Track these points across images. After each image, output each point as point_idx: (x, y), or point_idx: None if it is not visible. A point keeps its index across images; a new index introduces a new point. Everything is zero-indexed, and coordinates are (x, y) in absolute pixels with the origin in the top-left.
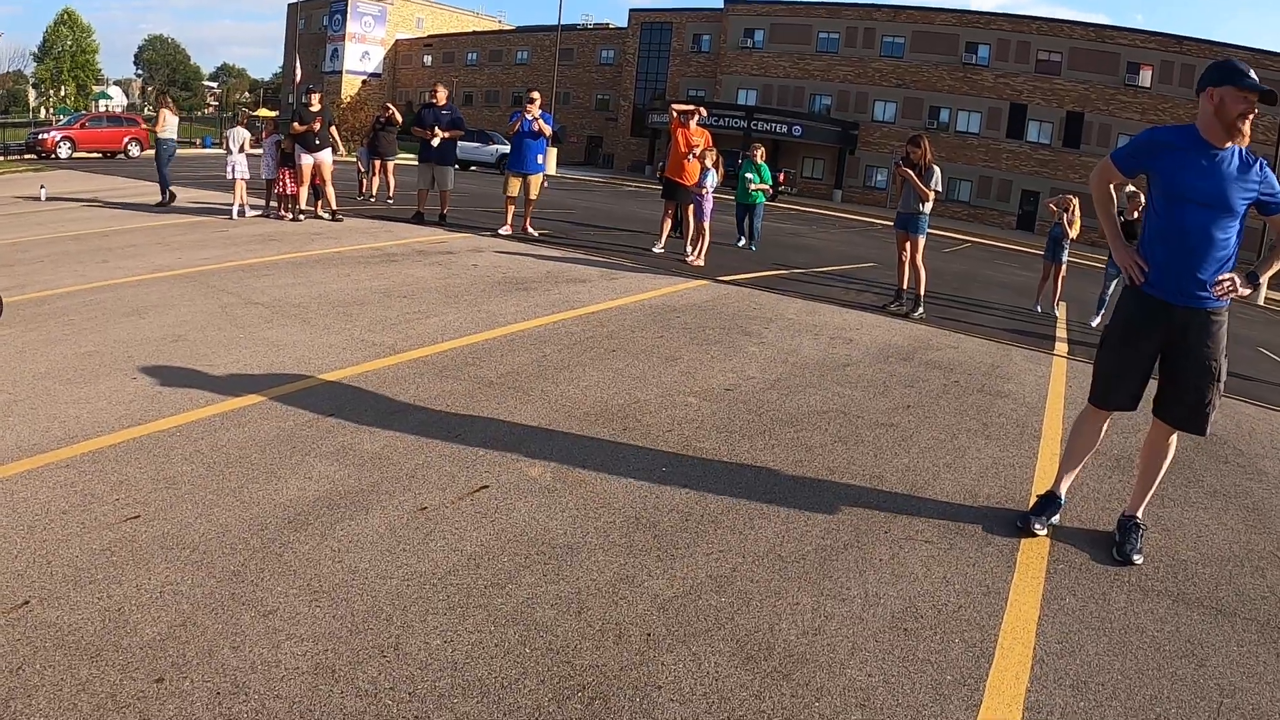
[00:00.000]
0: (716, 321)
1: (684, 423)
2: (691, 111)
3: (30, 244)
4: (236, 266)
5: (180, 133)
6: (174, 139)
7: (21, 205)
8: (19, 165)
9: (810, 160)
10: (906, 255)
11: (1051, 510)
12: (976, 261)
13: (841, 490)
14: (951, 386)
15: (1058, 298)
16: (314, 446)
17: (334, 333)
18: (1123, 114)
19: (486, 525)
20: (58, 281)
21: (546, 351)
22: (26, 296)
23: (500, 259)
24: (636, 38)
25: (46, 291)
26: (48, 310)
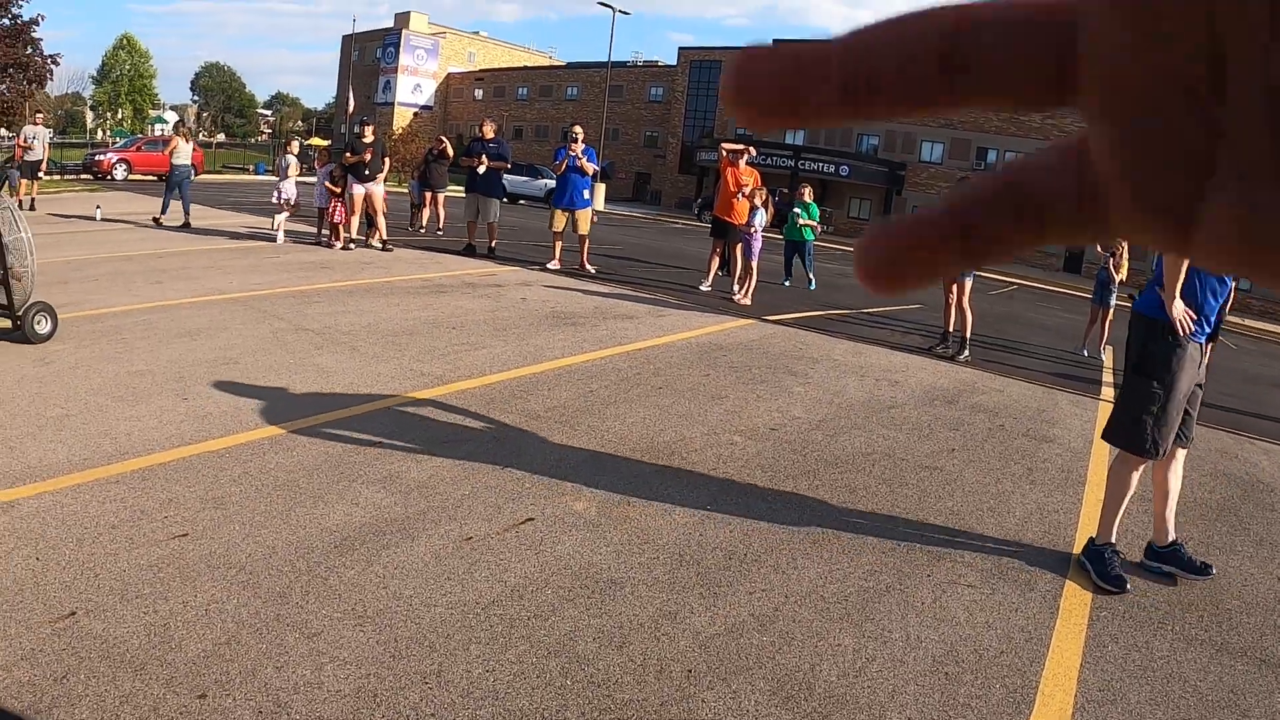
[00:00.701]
0: (763, 361)
1: (729, 461)
2: (741, 150)
3: (85, 263)
4: (288, 293)
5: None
6: (187, 164)
7: (78, 224)
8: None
9: (857, 200)
10: (953, 298)
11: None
12: (1022, 304)
13: (885, 532)
14: (997, 430)
15: (1104, 341)
16: (361, 473)
17: (383, 361)
18: None
19: (531, 557)
20: (112, 300)
21: (593, 387)
22: (81, 314)
23: (548, 293)
24: (685, 75)
25: (101, 310)
26: (101, 328)
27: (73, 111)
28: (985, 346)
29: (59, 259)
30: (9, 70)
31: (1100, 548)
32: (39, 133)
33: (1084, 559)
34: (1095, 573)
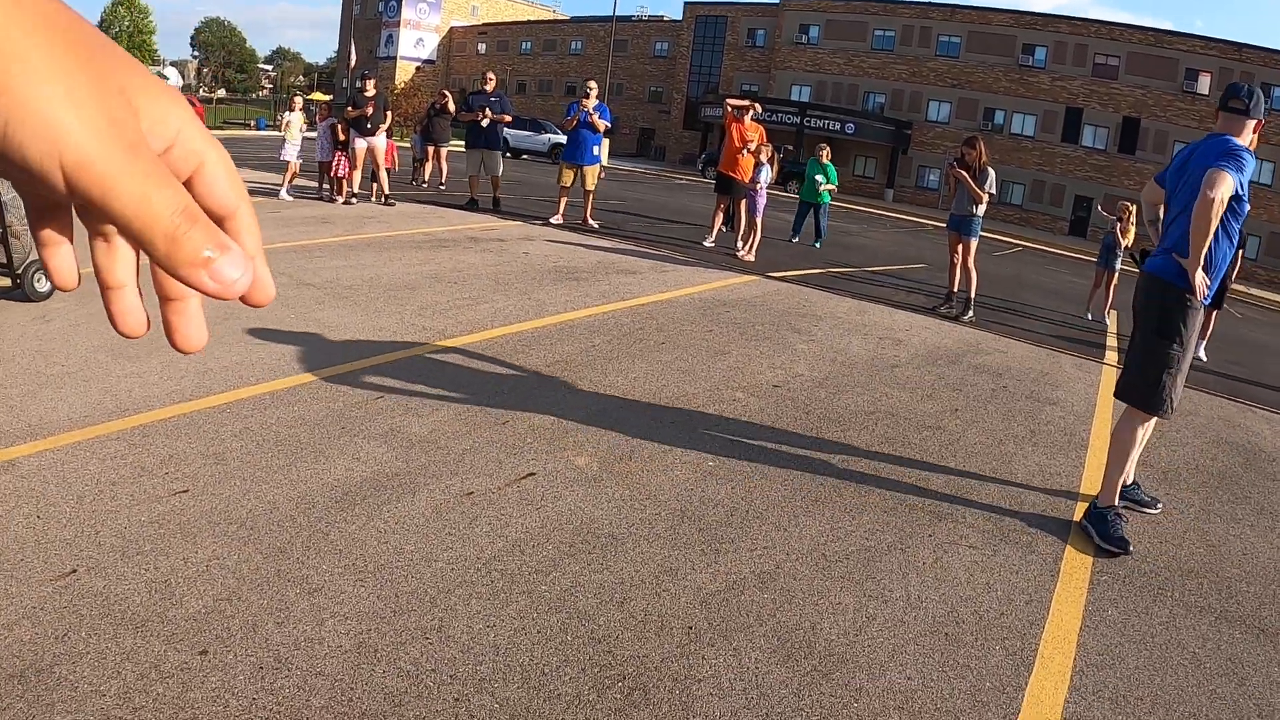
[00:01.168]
0: (766, 317)
1: (731, 418)
2: (746, 107)
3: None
4: (289, 248)
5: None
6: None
7: None
8: None
9: (862, 159)
10: (958, 258)
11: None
12: (1028, 266)
13: (887, 492)
14: (1000, 392)
15: (1109, 305)
16: (362, 428)
17: (385, 316)
18: (1180, 121)
19: (532, 512)
20: None
21: (596, 342)
22: (82, 270)
23: (551, 248)
24: (691, 30)
25: None
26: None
27: None
28: (989, 308)
29: None
30: None
31: (1104, 510)
32: None
33: (1086, 522)
34: (1098, 534)
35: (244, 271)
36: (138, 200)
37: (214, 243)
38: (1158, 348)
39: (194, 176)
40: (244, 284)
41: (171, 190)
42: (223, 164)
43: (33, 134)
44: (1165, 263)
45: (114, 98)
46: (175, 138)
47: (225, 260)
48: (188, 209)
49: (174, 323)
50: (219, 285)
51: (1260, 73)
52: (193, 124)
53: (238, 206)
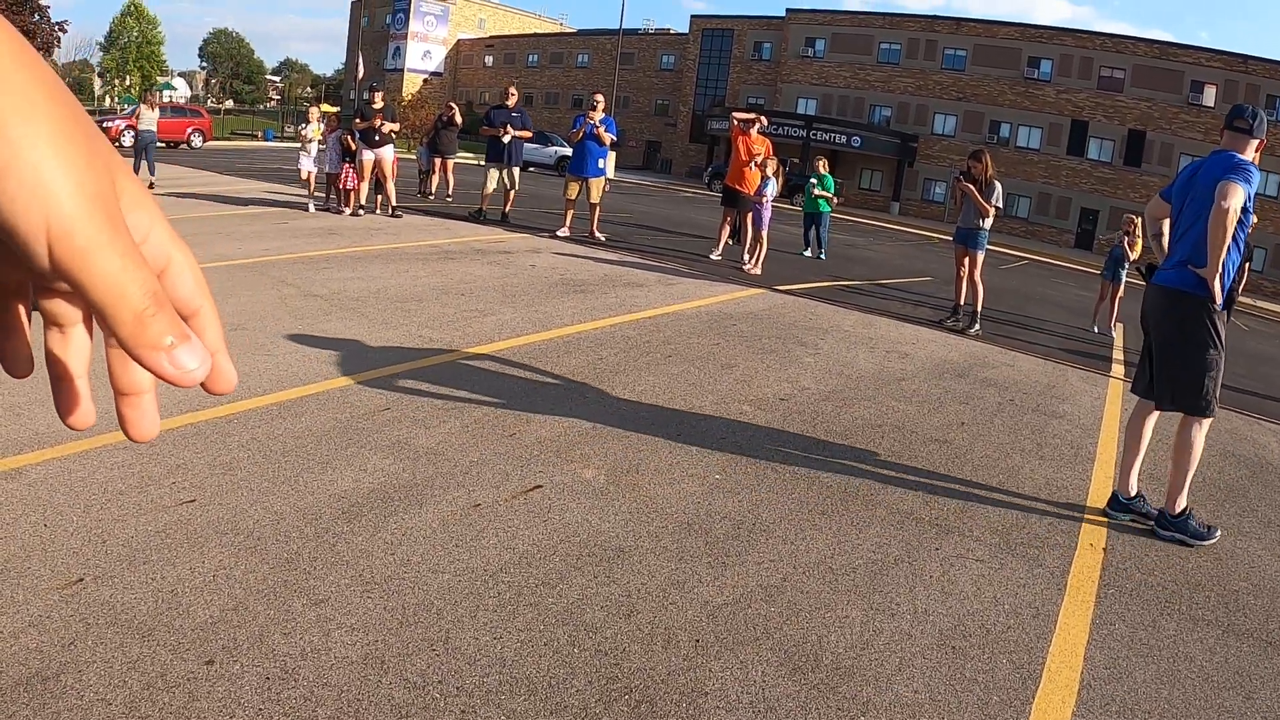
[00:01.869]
0: (773, 331)
1: (738, 431)
2: (752, 120)
3: None
4: (296, 259)
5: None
6: (152, 129)
7: None
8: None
9: (868, 172)
10: (964, 271)
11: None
12: (1033, 279)
13: (894, 505)
14: (1006, 405)
15: (1114, 318)
16: (369, 439)
17: (391, 328)
18: (1185, 133)
19: (539, 525)
20: None
21: (603, 354)
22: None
23: (558, 260)
24: (697, 44)
25: None
26: None
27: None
28: (995, 321)
29: None
30: None
31: (1180, 518)
32: None
33: (1172, 534)
34: (1192, 535)
35: (201, 362)
36: (113, 275)
37: (176, 331)
38: (1197, 356)
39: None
40: (200, 374)
41: (144, 273)
42: (189, 264)
43: (24, 191)
44: (1181, 274)
45: (102, 174)
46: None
47: (185, 349)
48: (157, 293)
49: (128, 415)
50: (177, 371)
51: (1266, 84)
52: (163, 223)
53: (201, 306)
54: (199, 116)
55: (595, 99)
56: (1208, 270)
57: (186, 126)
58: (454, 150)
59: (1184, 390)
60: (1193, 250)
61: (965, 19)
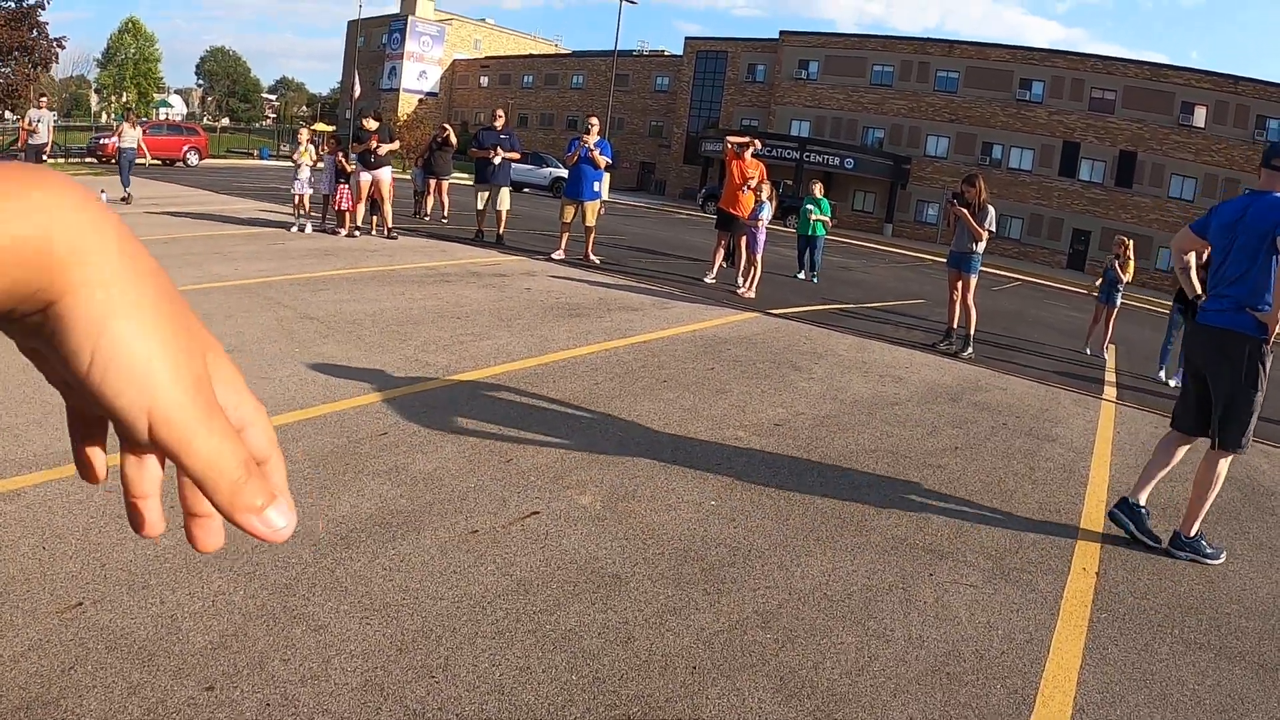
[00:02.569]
0: (767, 355)
1: (733, 456)
2: (746, 143)
3: None
4: (292, 280)
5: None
6: (133, 146)
7: None
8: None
9: (861, 193)
10: (958, 294)
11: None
12: (1026, 300)
13: (888, 531)
14: (1000, 429)
15: (1107, 340)
16: (367, 464)
17: (388, 351)
18: (1176, 154)
19: (536, 551)
20: None
21: (599, 379)
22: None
23: (553, 283)
24: (692, 65)
25: None
26: None
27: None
28: (989, 344)
29: None
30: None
31: (1193, 540)
32: (43, 116)
33: (1188, 554)
34: (1206, 557)
35: (289, 521)
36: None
37: (266, 494)
38: (1246, 396)
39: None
40: (288, 531)
41: (236, 444)
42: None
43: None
44: (1240, 317)
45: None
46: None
47: (274, 509)
48: (247, 462)
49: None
50: (269, 530)
51: (1255, 105)
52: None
53: (271, 455)
54: (195, 134)
55: (590, 122)
56: (1270, 316)
57: (183, 144)
58: (449, 171)
59: (1230, 428)
60: (1249, 293)
61: (958, 41)
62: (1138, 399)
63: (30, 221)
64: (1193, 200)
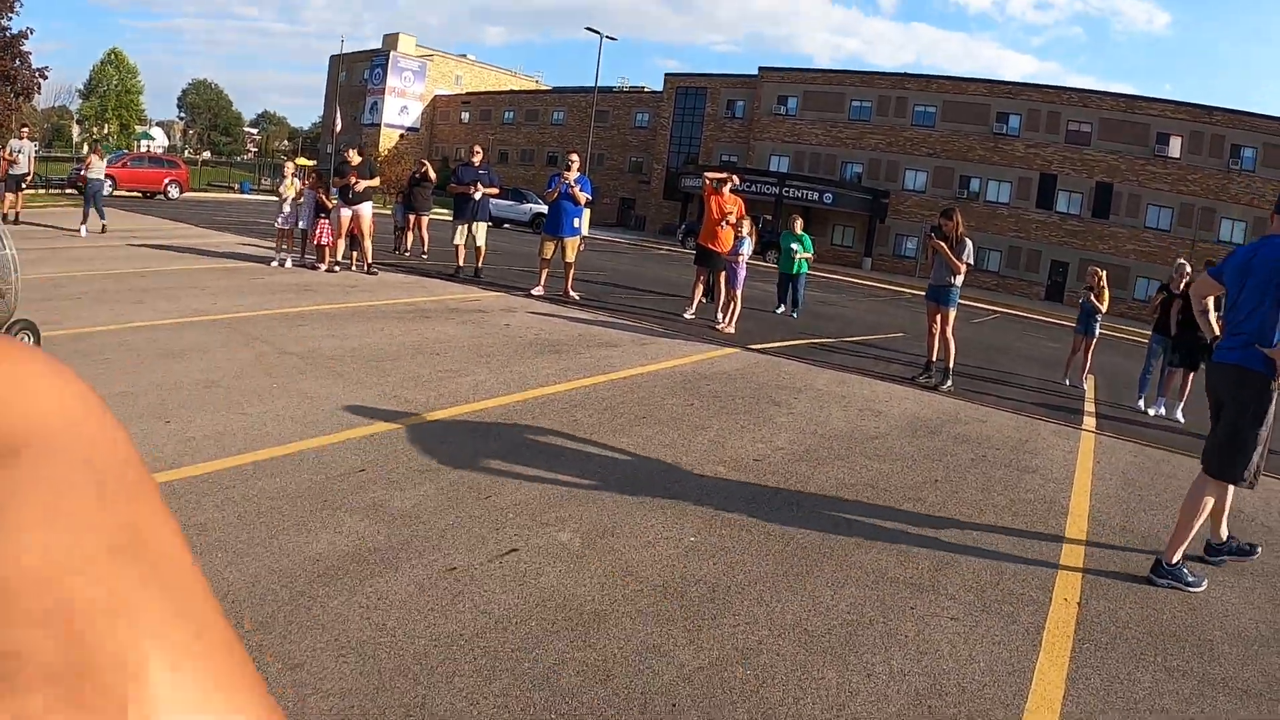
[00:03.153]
0: (746, 390)
1: (713, 492)
2: (725, 179)
3: (68, 280)
4: (272, 315)
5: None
6: (100, 177)
7: (62, 239)
8: (60, 200)
9: (840, 228)
10: (937, 327)
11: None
12: (1005, 332)
13: (868, 565)
14: (979, 461)
15: (1086, 371)
16: (345, 501)
17: (367, 387)
18: (1152, 184)
19: (515, 588)
20: (94, 319)
21: (578, 416)
22: (63, 332)
23: (532, 319)
24: (671, 102)
25: (83, 329)
26: (83, 348)
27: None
28: (968, 376)
29: (42, 276)
30: None
31: (1174, 567)
32: (24, 146)
33: (1168, 581)
34: (1188, 585)
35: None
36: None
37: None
38: (1249, 429)
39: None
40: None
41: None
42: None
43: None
44: (1250, 353)
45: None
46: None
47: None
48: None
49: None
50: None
51: (1230, 134)
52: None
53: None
54: (176, 167)
55: (570, 158)
56: (1276, 351)
57: (164, 177)
58: (428, 207)
59: (1225, 457)
60: (1258, 330)
61: (934, 76)
62: (1117, 429)
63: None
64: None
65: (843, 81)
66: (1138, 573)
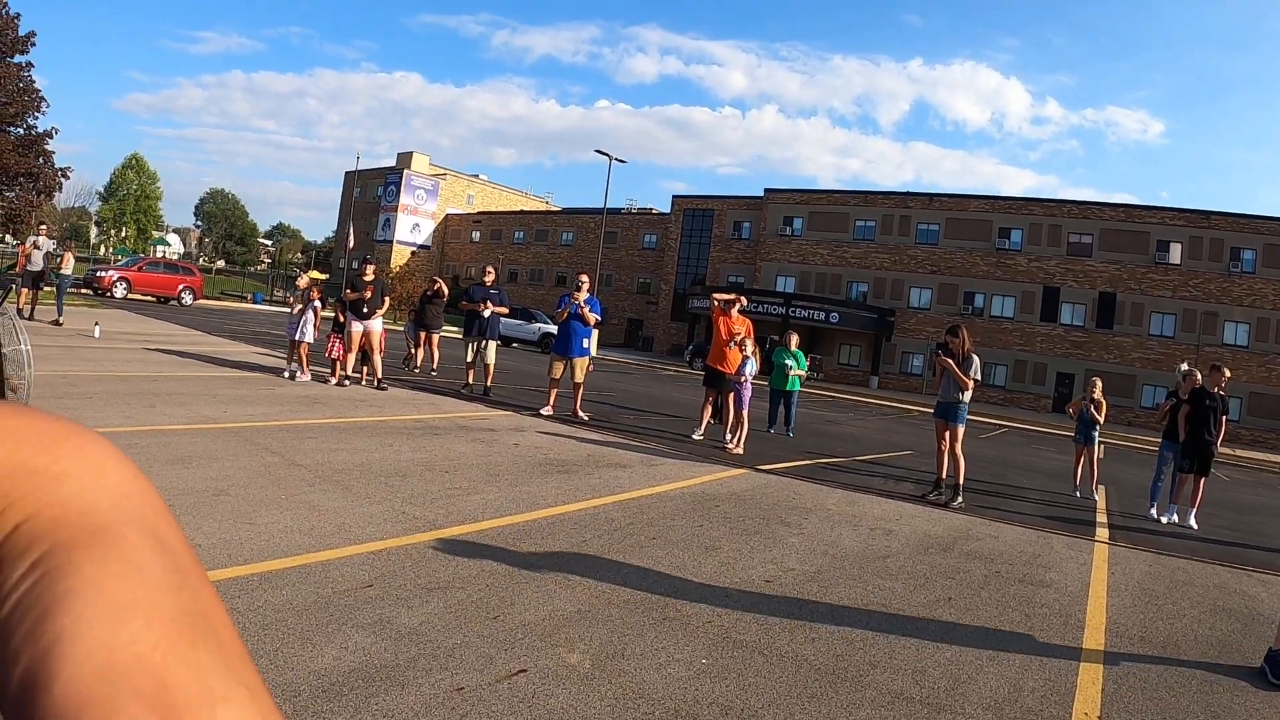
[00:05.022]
0: (756, 511)
1: (724, 613)
2: (733, 300)
3: (81, 379)
4: (281, 426)
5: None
6: (70, 275)
7: (75, 339)
8: (75, 299)
9: (847, 347)
10: (945, 444)
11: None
12: (1013, 446)
13: (883, 685)
14: (993, 577)
15: (1096, 481)
16: (351, 616)
17: (375, 502)
18: (1154, 292)
19: (523, 710)
20: (105, 420)
21: (587, 536)
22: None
23: (541, 439)
24: (679, 223)
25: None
26: None
27: (77, 225)
28: (978, 492)
29: (55, 373)
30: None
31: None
32: (43, 243)
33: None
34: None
35: None
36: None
37: None
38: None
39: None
40: None
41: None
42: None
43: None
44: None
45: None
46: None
47: None
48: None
49: None
50: None
51: (1229, 237)
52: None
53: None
54: (190, 274)
55: (580, 279)
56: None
57: (178, 283)
58: (439, 324)
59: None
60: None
61: (937, 194)
62: (1130, 538)
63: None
64: (1173, 336)
65: (847, 201)
66: (1158, 685)
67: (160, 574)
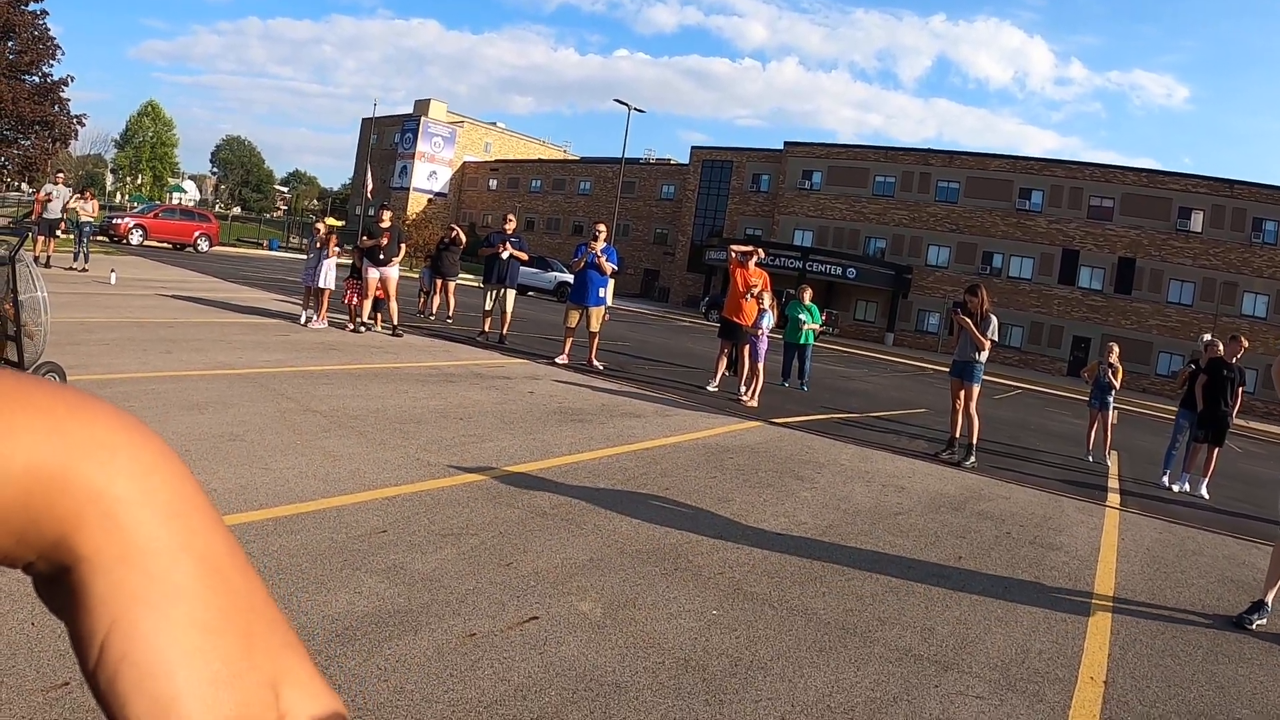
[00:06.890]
0: (769, 464)
1: (735, 565)
2: (750, 252)
3: (97, 325)
4: (296, 372)
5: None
6: (93, 221)
7: (92, 286)
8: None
9: (863, 303)
10: (960, 403)
11: (1261, 613)
12: (1028, 408)
13: (892, 641)
14: (1003, 538)
15: (1109, 446)
16: (365, 561)
17: (390, 449)
18: (1174, 259)
19: (535, 656)
20: (121, 366)
21: (600, 485)
22: (90, 377)
23: (556, 388)
24: (697, 174)
25: (109, 375)
26: (108, 394)
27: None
28: (991, 452)
29: (71, 320)
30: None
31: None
32: (59, 191)
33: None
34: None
35: None
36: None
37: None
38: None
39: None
40: None
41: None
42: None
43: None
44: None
45: (254, 690)
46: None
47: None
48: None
49: None
50: None
51: (1252, 207)
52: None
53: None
54: (206, 221)
55: (598, 228)
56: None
57: (194, 230)
58: (456, 272)
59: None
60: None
61: (958, 152)
62: (1141, 505)
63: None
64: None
65: (866, 157)
66: (1164, 652)
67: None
